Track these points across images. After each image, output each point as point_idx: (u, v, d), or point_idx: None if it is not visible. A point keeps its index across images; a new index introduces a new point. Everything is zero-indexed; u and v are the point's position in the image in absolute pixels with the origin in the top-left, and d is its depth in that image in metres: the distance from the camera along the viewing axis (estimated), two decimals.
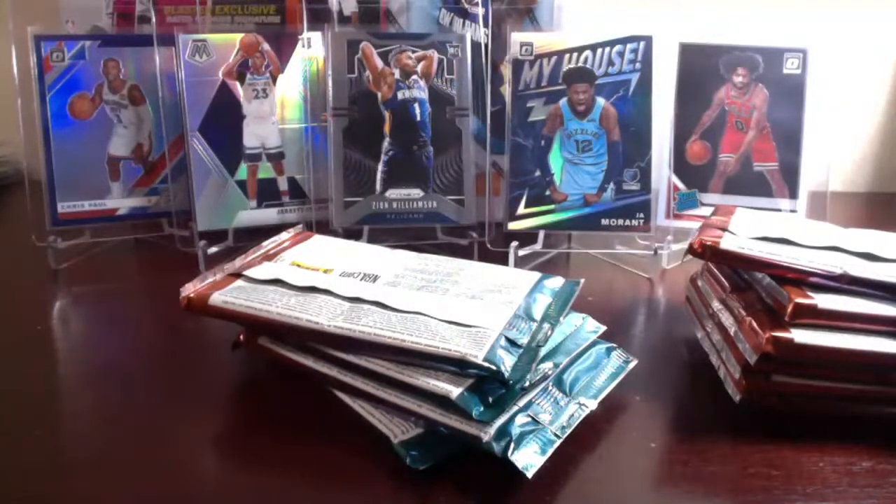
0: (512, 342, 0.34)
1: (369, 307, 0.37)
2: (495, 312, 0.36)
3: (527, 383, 0.33)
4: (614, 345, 0.41)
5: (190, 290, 0.40)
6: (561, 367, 0.36)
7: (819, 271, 0.36)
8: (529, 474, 0.30)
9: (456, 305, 0.37)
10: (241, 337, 0.41)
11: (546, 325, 0.36)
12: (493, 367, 0.32)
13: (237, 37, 0.61)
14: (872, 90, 0.86)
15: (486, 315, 0.35)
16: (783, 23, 0.65)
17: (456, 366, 0.32)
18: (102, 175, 0.62)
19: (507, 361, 0.32)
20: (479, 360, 0.32)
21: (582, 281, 0.41)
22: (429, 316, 0.35)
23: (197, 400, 0.39)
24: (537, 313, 0.37)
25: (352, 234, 0.59)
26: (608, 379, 0.38)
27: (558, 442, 0.33)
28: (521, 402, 0.33)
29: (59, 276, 0.58)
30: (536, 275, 0.41)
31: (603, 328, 0.41)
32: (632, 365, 0.40)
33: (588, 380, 0.37)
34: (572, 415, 0.35)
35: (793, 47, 0.61)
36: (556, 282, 0.40)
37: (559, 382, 0.36)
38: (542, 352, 0.35)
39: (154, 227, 0.64)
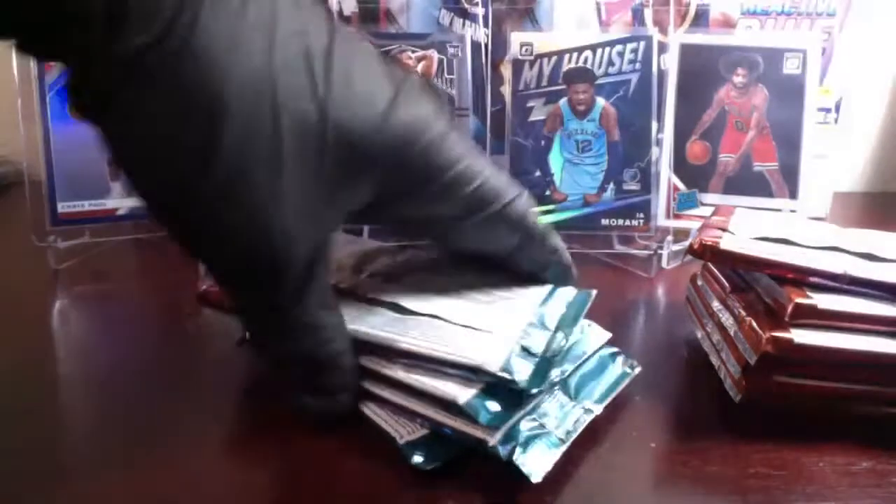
0: (527, 350, 0.33)
1: (383, 309, 0.36)
2: (511, 319, 0.36)
3: (538, 391, 0.33)
4: (618, 349, 0.40)
5: (206, 283, 0.40)
6: (568, 372, 0.36)
7: (819, 271, 0.36)
8: (535, 479, 0.30)
9: (471, 310, 0.36)
10: (248, 334, 0.41)
11: (560, 335, 0.36)
12: (509, 377, 0.31)
13: None
14: (873, 90, 0.86)
15: (502, 321, 0.35)
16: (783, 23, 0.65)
17: (471, 373, 0.32)
18: (102, 175, 0.62)
19: (523, 371, 0.32)
20: (496, 370, 0.32)
21: (594, 292, 0.41)
22: (444, 320, 0.35)
23: (200, 399, 0.39)
24: (551, 322, 0.36)
25: (352, 233, 0.59)
26: (613, 384, 0.38)
27: (564, 447, 0.33)
28: (528, 407, 0.33)
29: (59, 276, 0.58)
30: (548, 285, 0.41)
31: (609, 335, 0.40)
32: (636, 371, 0.39)
33: (593, 385, 0.37)
34: (577, 419, 0.34)
35: (793, 47, 0.61)
36: (569, 292, 0.40)
37: (564, 387, 0.36)
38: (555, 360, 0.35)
39: (154, 227, 0.64)
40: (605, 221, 0.59)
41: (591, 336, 0.40)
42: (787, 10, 0.65)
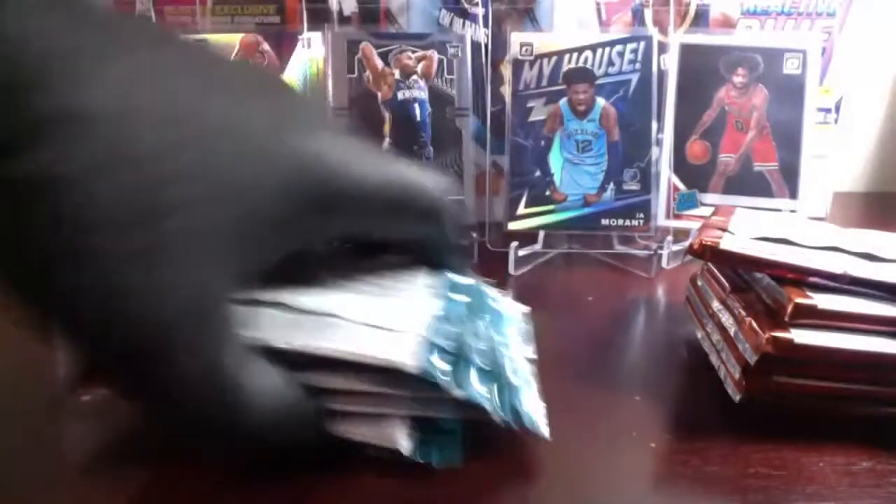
0: (441, 344, 0.31)
1: (269, 310, 0.31)
2: (414, 313, 0.33)
3: (487, 367, 0.32)
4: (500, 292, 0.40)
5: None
6: (495, 337, 0.35)
7: (819, 271, 0.36)
8: (548, 436, 0.32)
9: (368, 304, 0.33)
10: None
11: (473, 324, 0.34)
12: (428, 375, 0.30)
13: (237, 37, 0.61)
14: (873, 90, 0.86)
15: (407, 316, 0.32)
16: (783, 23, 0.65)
17: (387, 375, 0.30)
18: None
19: (442, 366, 0.30)
20: (412, 369, 0.30)
21: (494, 281, 0.40)
22: (343, 318, 0.31)
23: None
24: (460, 312, 0.35)
25: None
26: (523, 324, 0.39)
27: (535, 388, 0.34)
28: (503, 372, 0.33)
29: None
30: (445, 274, 0.38)
31: (503, 293, 0.40)
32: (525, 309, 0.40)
33: (515, 334, 0.37)
34: (529, 369, 0.35)
35: (793, 47, 0.61)
36: (467, 279, 0.38)
37: (506, 347, 0.35)
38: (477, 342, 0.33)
39: None
40: (605, 221, 0.59)
41: (490, 296, 0.38)
42: (787, 10, 0.65)
